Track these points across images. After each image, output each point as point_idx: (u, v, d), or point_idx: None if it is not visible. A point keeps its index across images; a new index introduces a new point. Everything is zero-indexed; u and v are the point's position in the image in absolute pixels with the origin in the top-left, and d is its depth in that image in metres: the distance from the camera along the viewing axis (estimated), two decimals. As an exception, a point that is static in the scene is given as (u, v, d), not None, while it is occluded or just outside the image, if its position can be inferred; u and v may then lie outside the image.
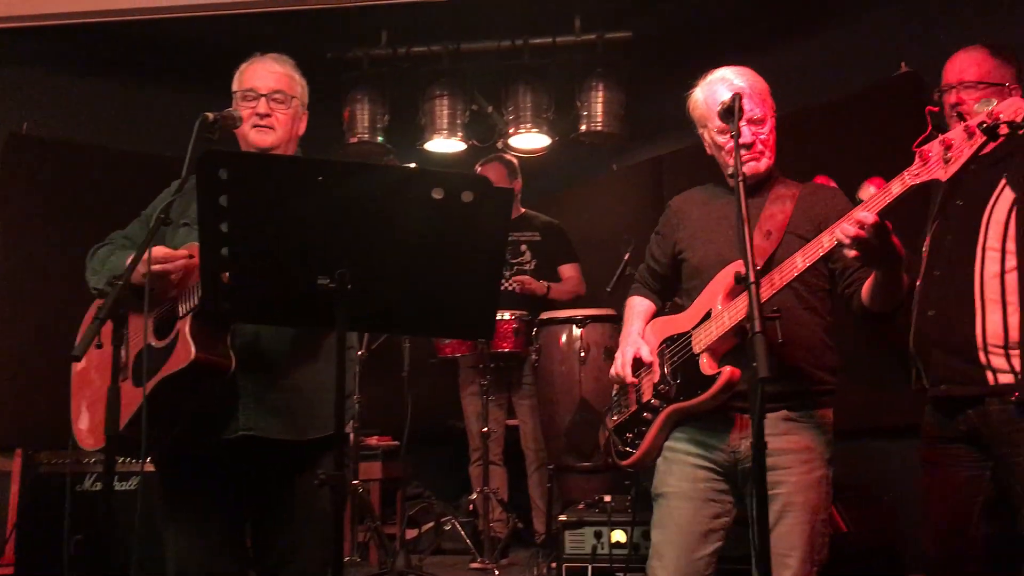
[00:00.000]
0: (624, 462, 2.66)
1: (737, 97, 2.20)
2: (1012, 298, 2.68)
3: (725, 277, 2.47)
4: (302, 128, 2.65)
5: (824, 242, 2.19)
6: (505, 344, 4.78)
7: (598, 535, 3.64)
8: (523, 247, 5.19)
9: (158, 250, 2.26)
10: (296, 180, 1.92)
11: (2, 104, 5.36)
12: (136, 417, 2.21)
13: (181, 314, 2.28)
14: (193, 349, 2.21)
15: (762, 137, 2.52)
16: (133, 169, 4.88)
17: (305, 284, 1.94)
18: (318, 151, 5.98)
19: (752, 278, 1.97)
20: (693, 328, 2.51)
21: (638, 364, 2.61)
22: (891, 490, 4.18)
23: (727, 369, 2.36)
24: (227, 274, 1.97)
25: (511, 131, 5.72)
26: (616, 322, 2.81)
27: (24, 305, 4.96)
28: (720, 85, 2.56)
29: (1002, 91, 2.73)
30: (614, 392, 2.80)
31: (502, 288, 5.06)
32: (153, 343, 2.33)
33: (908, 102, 4.05)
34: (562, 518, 3.74)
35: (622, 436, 2.68)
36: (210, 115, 2.42)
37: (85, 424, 2.50)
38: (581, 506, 3.89)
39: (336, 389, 1.97)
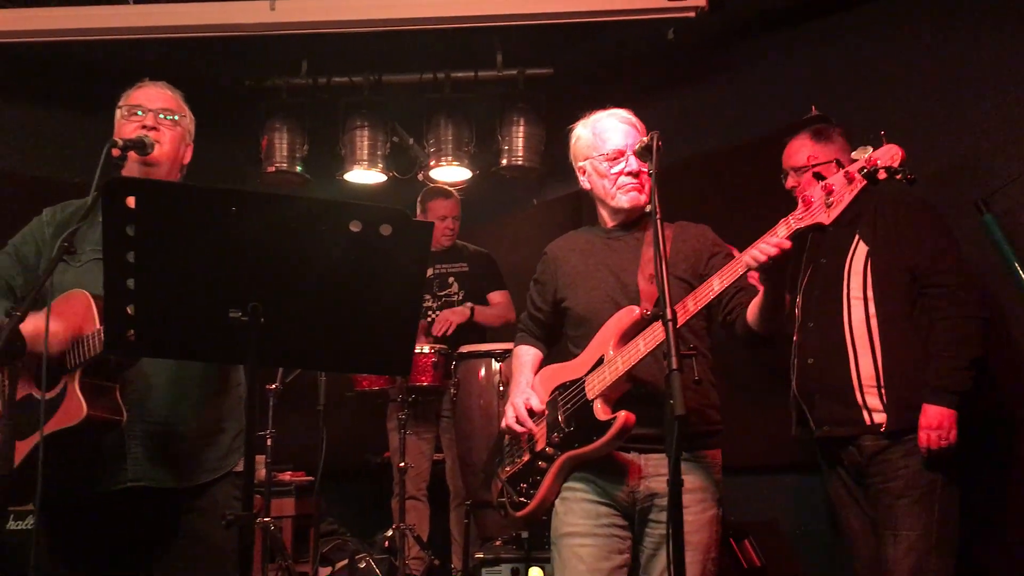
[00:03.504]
0: (519, 513, 2.59)
1: (655, 135, 2.23)
2: (878, 341, 3.01)
3: (616, 323, 2.47)
4: (188, 157, 2.60)
5: (744, 260, 2.22)
6: (424, 378, 4.72)
7: (515, 572, 3.60)
8: (451, 279, 5.16)
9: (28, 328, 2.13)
10: (209, 210, 1.85)
11: None
12: (20, 468, 2.13)
13: (69, 367, 2.21)
14: (85, 406, 2.16)
15: (644, 171, 2.56)
16: (34, 193, 4.71)
17: (216, 317, 1.88)
18: (235, 179, 5.93)
19: (669, 315, 1.98)
20: (586, 374, 2.49)
21: (530, 414, 2.58)
22: (801, 524, 4.26)
23: (622, 414, 2.35)
24: (132, 307, 1.89)
25: (432, 163, 5.71)
26: (547, 361, 2.81)
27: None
28: (609, 118, 2.63)
29: (830, 167, 3.03)
30: (505, 442, 2.75)
31: (431, 328, 5.02)
32: (34, 394, 2.24)
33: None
34: (479, 555, 3.69)
35: (516, 486, 2.62)
36: (120, 140, 2.37)
37: None
38: (499, 542, 3.85)
39: (247, 427, 1.90)
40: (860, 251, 3.09)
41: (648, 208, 2.20)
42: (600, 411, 2.40)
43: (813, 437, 3.15)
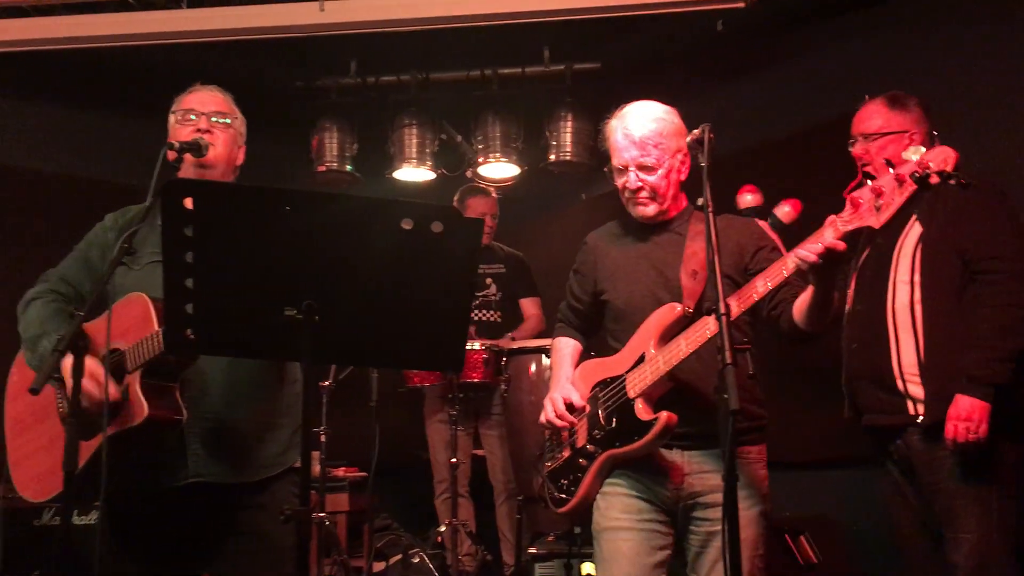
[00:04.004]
0: (560, 509, 2.59)
1: (706, 128, 2.20)
2: (921, 328, 2.86)
3: (657, 319, 2.44)
4: (240, 158, 2.64)
5: (789, 264, 2.19)
6: (475, 374, 4.74)
7: (568, 567, 3.61)
8: (488, 280, 5.18)
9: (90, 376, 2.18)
10: (263, 209, 1.88)
11: (-42, 131, 5.29)
12: (85, 467, 2.19)
13: (130, 369, 2.25)
14: (146, 407, 2.20)
15: (651, 182, 2.54)
16: (94, 197, 4.83)
17: (271, 315, 1.90)
18: (286, 179, 6.00)
19: (723, 309, 1.96)
20: (626, 372, 2.47)
21: (570, 409, 2.57)
22: (857, 519, 4.19)
23: (663, 415, 2.33)
24: (191, 305, 1.92)
25: (480, 160, 5.74)
26: (585, 353, 2.80)
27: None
28: (617, 131, 2.59)
29: (902, 138, 2.93)
30: (546, 437, 2.74)
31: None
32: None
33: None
34: (532, 550, 3.71)
35: (556, 482, 2.61)
36: (175, 143, 2.41)
37: (27, 474, 2.45)
38: (551, 538, 3.86)
39: (304, 423, 1.93)
40: (913, 232, 2.93)
41: (700, 202, 2.18)
42: (641, 411, 2.39)
43: (861, 425, 3.04)
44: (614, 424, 2.45)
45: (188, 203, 1.85)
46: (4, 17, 4.90)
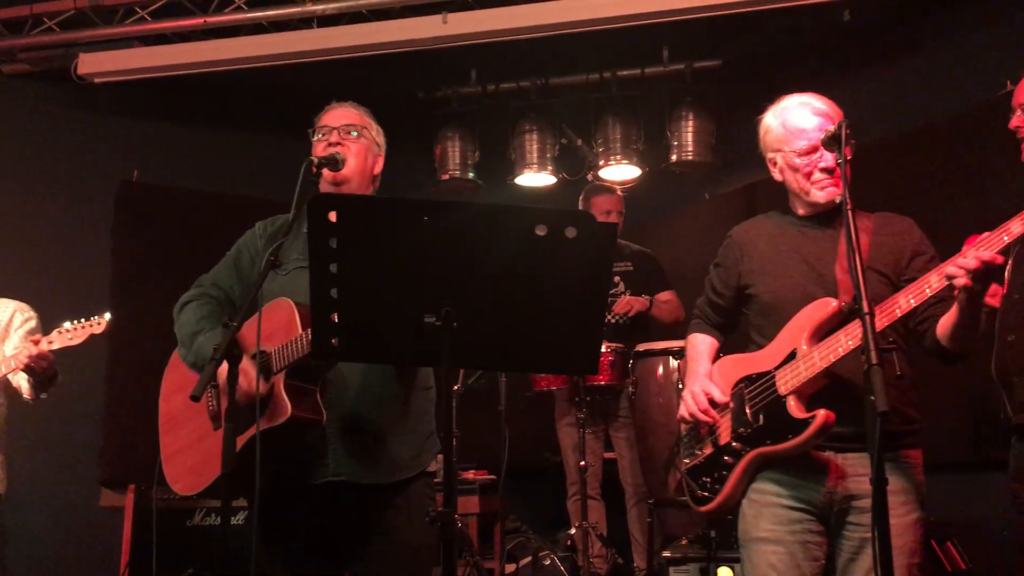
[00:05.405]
0: (703, 508, 2.52)
1: (842, 123, 2.15)
2: None
3: (810, 314, 2.36)
4: (378, 167, 2.71)
5: (932, 282, 2.11)
6: (601, 377, 4.73)
7: (704, 571, 3.56)
8: (616, 278, 5.15)
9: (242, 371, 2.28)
10: (403, 221, 1.94)
11: (114, 153, 5.67)
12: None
13: (275, 370, 2.36)
14: (289, 407, 2.30)
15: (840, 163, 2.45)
16: (239, 212, 5.06)
17: (411, 322, 1.96)
18: (411, 189, 6.15)
19: (866, 308, 1.91)
20: (775, 368, 2.39)
21: (712, 405, 2.51)
22: (1008, 525, 3.99)
23: (821, 412, 2.24)
24: (336, 314, 2.00)
25: (601, 163, 5.74)
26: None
27: (136, 345, 5.14)
28: (802, 109, 2.49)
29: None
30: (683, 432, 2.67)
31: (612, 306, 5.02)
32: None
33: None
34: (666, 554, 3.67)
35: (698, 480, 2.54)
36: (315, 158, 2.51)
37: (177, 469, 2.59)
38: (684, 541, 3.82)
39: (445, 428, 1.99)
40: None
41: (837, 200, 2.13)
42: (795, 408, 2.31)
43: (1012, 424, 2.81)
44: (762, 421, 2.38)
45: (332, 216, 1.93)
46: (147, 44, 5.21)
